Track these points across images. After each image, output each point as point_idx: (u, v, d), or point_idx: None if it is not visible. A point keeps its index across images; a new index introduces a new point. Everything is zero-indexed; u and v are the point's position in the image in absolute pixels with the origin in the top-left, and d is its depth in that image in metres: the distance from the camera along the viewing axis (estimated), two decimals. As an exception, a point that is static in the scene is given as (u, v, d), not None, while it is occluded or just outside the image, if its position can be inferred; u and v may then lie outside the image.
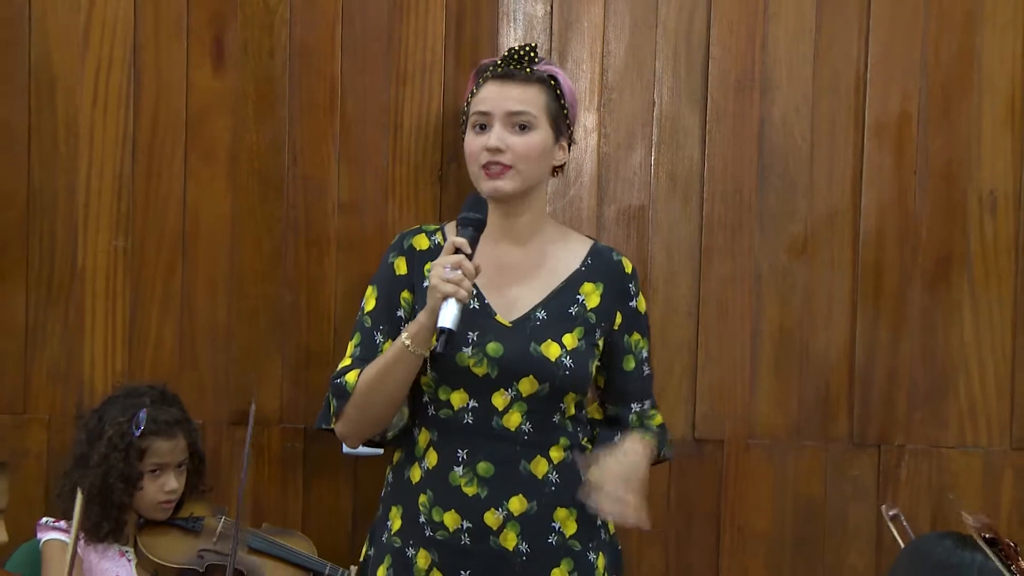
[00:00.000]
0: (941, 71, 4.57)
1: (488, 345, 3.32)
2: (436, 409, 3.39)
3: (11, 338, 4.52)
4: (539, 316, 3.40)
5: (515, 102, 3.40)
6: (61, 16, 4.49)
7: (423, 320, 3.19)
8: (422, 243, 3.54)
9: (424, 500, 3.38)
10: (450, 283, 3.10)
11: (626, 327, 3.56)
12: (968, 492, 4.54)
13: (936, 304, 4.60)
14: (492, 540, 3.33)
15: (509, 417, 3.33)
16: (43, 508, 4.36)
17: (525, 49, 3.45)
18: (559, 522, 3.39)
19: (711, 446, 4.62)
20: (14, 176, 4.50)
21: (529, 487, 3.34)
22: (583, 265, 3.53)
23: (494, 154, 3.36)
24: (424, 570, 3.38)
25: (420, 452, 3.42)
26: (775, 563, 4.61)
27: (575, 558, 3.42)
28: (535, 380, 3.32)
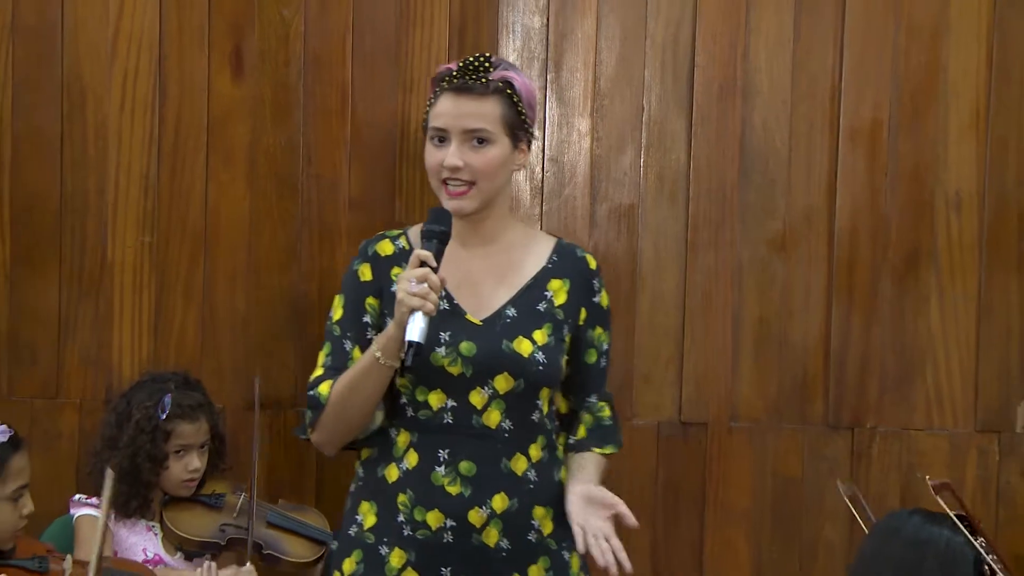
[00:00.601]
0: (910, 80, 4.60)
1: (461, 344, 3.25)
2: (415, 410, 3.30)
3: (45, 327, 4.53)
4: (509, 314, 3.33)
5: (471, 119, 3.29)
6: (91, 29, 4.49)
7: (392, 332, 3.13)
8: (386, 248, 3.45)
9: (404, 500, 3.29)
10: (416, 296, 3.03)
11: (590, 322, 3.49)
12: (935, 471, 4.40)
13: (905, 296, 4.62)
14: (475, 537, 3.26)
15: (489, 415, 3.26)
16: (75, 486, 4.37)
17: (479, 60, 3.33)
18: (538, 520, 3.32)
19: (695, 428, 4.63)
20: (48, 178, 4.51)
21: (510, 485, 3.27)
22: (549, 262, 3.45)
23: (453, 172, 3.27)
24: (397, 568, 3.30)
25: (399, 453, 3.33)
26: (755, 538, 4.63)
27: (551, 556, 3.37)
28: (510, 377, 3.25)
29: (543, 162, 4.64)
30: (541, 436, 3.35)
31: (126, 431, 4.02)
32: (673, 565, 4.66)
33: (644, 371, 4.63)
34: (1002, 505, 4.62)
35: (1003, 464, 4.64)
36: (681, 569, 4.67)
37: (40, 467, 3.91)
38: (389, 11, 4.55)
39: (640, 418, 4.62)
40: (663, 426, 4.63)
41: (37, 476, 3.77)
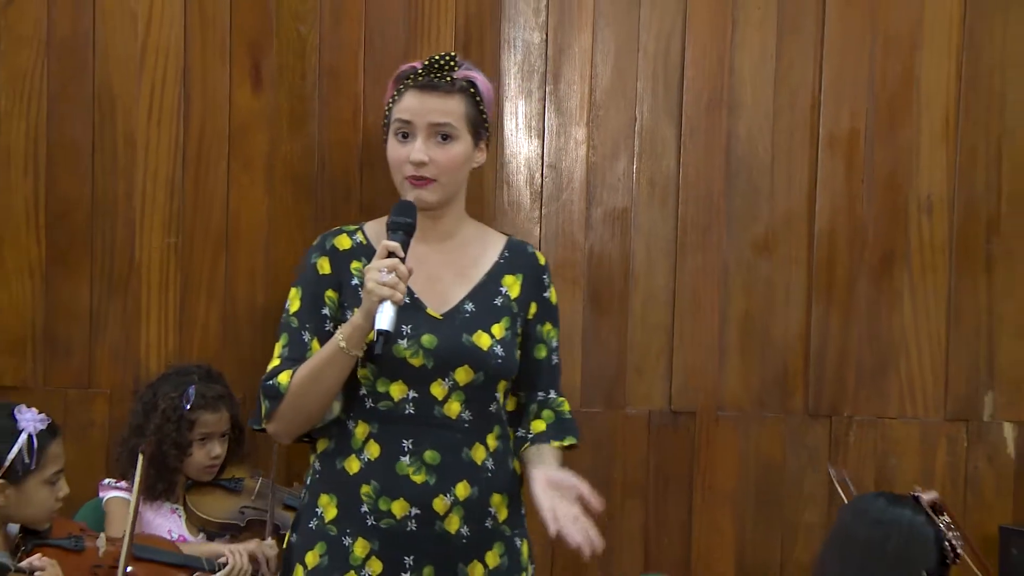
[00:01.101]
0: (885, 92, 4.63)
1: (422, 337, 3.18)
2: (375, 401, 3.23)
3: (78, 323, 4.55)
4: (467, 308, 3.29)
5: (438, 114, 3.24)
6: (120, 43, 4.52)
7: (358, 322, 3.07)
8: (344, 243, 3.38)
9: (368, 490, 3.21)
10: (386, 286, 2.97)
11: (539, 317, 3.44)
12: (907, 458, 4.63)
13: (880, 294, 4.66)
14: (438, 525, 3.20)
15: (449, 406, 3.21)
16: (105, 471, 4.38)
17: (445, 58, 3.27)
18: (495, 507, 3.28)
19: (685, 417, 4.65)
20: (80, 183, 4.54)
21: (472, 473, 3.22)
22: (501, 258, 3.41)
23: (418, 168, 3.22)
24: (361, 558, 3.22)
25: (358, 444, 3.24)
26: (740, 519, 4.67)
27: (505, 542, 3.32)
28: (470, 369, 3.20)
29: (542, 168, 4.66)
30: (497, 426, 3.33)
31: (153, 420, 4.05)
32: (663, 545, 4.67)
33: (636, 364, 4.64)
34: (970, 490, 4.65)
35: (971, 451, 4.67)
36: (670, 549, 4.67)
37: (73, 453, 3.93)
38: (398, 28, 4.55)
39: (633, 407, 4.64)
40: (654, 415, 4.66)
41: (70, 462, 3.81)
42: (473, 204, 4.19)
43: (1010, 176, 4.66)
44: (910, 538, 3.30)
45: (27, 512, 3.62)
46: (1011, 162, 4.65)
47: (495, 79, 4.45)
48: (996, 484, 4.68)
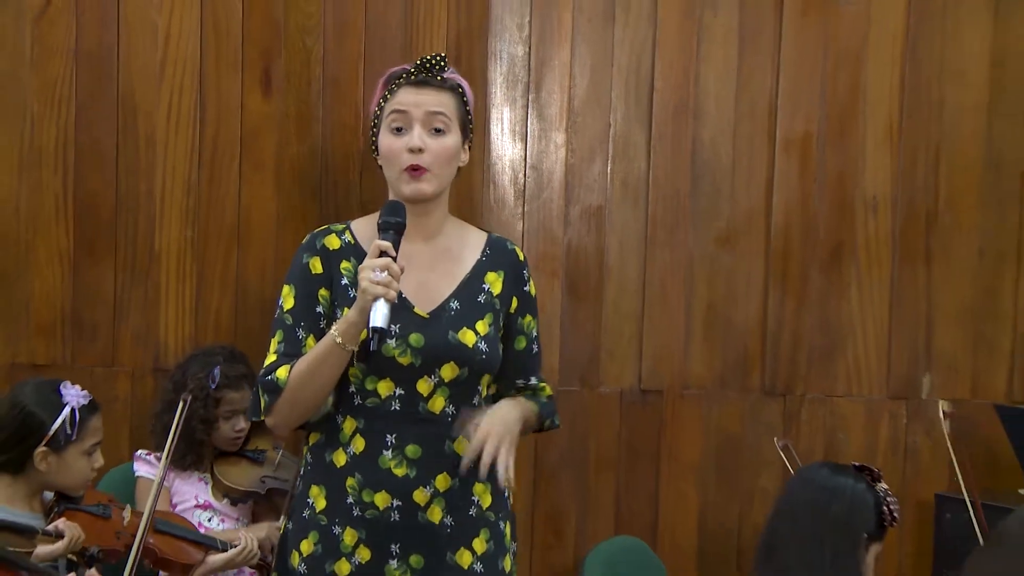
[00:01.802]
0: (835, 101, 4.65)
1: (410, 336, 3.10)
2: (363, 398, 3.15)
3: (103, 308, 4.60)
4: (453, 306, 3.20)
5: (434, 104, 3.15)
6: (142, 54, 4.55)
7: (353, 318, 2.98)
8: (334, 243, 3.28)
9: (353, 483, 3.14)
10: (379, 285, 2.89)
11: (520, 310, 3.37)
12: (853, 432, 4.67)
13: (830, 284, 4.68)
14: (420, 515, 3.12)
15: (434, 402, 3.13)
16: (128, 440, 4.49)
17: (436, 58, 3.19)
18: (477, 496, 3.20)
19: (653, 395, 4.68)
20: (105, 181, 4.58)
21: (453, 465, 3.11)
22: (483, 255, 3.32)
23: (416, 155, 3.12)
24: (351, 546, 3.14)
25: (345, 438, 3.17)
26: (702, 487, 4.70)
27: (490, 528, 3.24)
28: (455, 366, 3.13)
29: (525, 169, 4.67)
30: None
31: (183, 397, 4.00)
32: (633, 511, 4.70)
33: (609, 347, 4.67)
34: (909, 461, 4.68)
35: (910, 426, 4.69)
36: (640, 514, 4.70)
37: (98, 426, 3.91)
38: (395, 41, 4.56)
39: (606, 386, 4.66)
40: (625, 393, 4.69)
41: (95, 434, 3.85)
42: (463, 202, 4.28)
43: (947, 178, 4.67)
44: (852, 503, 3.32)
45: (65, 479, 3.63)
46: (948, 165, 4.67)
47: (482, 88, 4.50)
48: (932, 456, 4.66)
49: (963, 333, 4.74)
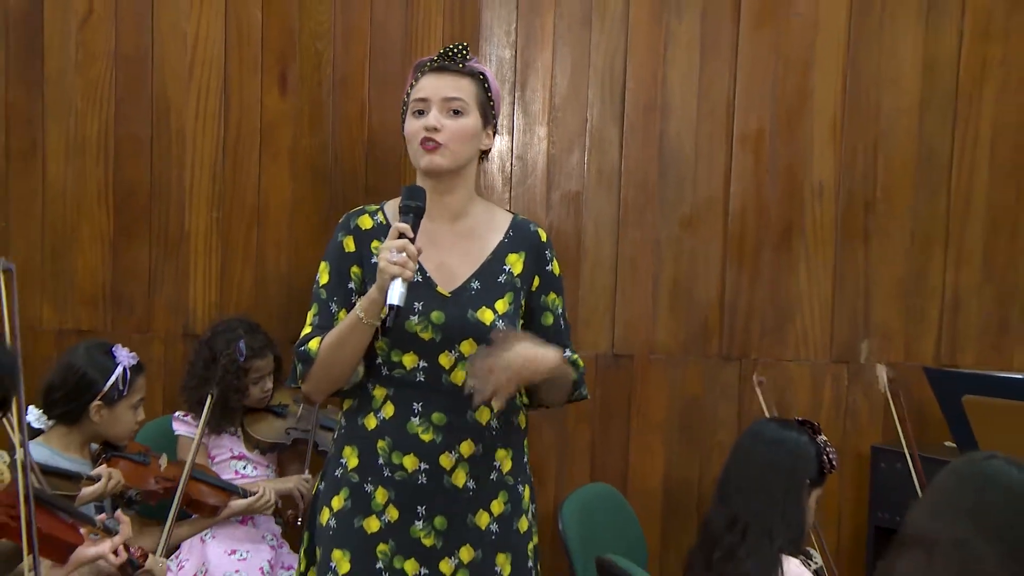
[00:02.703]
0: (785, 100, 4.66)
1: (432, 313, 2.99)
2: (390, 369, 3.04)
3: (139, 281, 4.67)
4: (473, 286, 3.08)
5: (451, 89, 3.04)
6: (173, 58, 4.61)
7: (374, 296, 2.87)
8: (366, 223, 3.15)
9: (383, 445, 3.03)
10: (396, 265, 2.78)
11: (543, 288, 3.23)
12: (800, 392, 4.69)
13: (780, 262, 4.69)
14: (445, 479, 3.01)
15: (456, 374, 3.01)
16: (161, 398, 4.56)
17: (458, 47, 3.09)
18: (499, 461, 3.10)
19: (625, 359, 4.72)
20: (141, 170, 4.65)
21: (475, 432, 3.03)
22: (506, 237, 3.17)
23: (431, 133, 2.99)
24: (382, 505, 3.03)
25: (376, 405, 3.06)
26: (667, 441, 4.73)
27: (509, 491, 3.12)
28: (474, 342, 3.00)
29: (512, 159, 4.69)
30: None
31: (214, 373, 4.06)
32: (607, 462, 4.74)
33: (586, 317, 4.69)
34: (848, 418, 4.70)
35: (850, 387, 4.71)
36: (612, 465, 4.74)
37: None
38: (396, 46, 4.59)
39: (583, 351, 4.08)
40: (600, 358, 4.70)
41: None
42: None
43: (884, 169, 4.67)
44: (796, 453, 3.36)
45: (114, 430, 3.73)
46: (884, 157, 4.67)
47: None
48: (869, 413, 4.69)
49: (897, 305, 4.73)
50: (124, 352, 3.77)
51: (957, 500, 2.35)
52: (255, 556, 4.14)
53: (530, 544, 3.22)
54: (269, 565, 4.14)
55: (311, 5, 4.66)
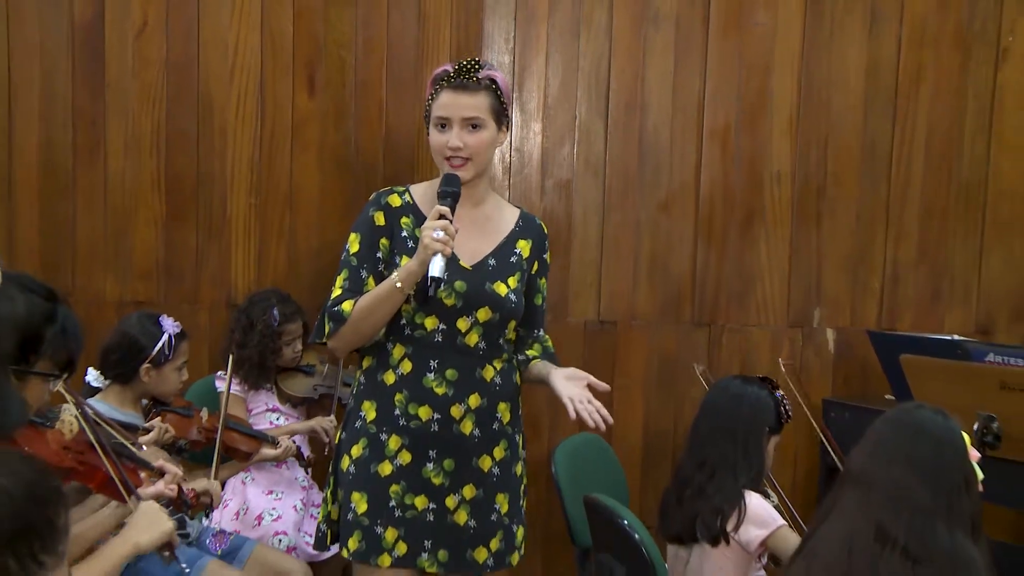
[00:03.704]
0: (748, 100, 4.68)
1: (455, 283, 2.99)
2: (412, 330, 3.04)
3: (187, 258, 4.64)
4: (491, 263, 3.10)
5: (468, 109, 3.01)
6: (216, 64, 4.58)
7: (413, 268, 2.88)
8: (395, 201, 3.13)
9: (400, 398, 3.04)
10: (439, 242, 2.80)
11: (539, 272, 3.27)
12: (761, 353, 4.72)
13: (744, 240, 4.72)
14: (454, 427, 3.04)
15: (469, 337, 3.04)
16: (207, 360, 4.54)
17: (471, 63, 3.06)
18: (500, 413, 3.11)
19: (609, 325, 4.72)
20: (189, 161, 4.61)
21: (482, 387, 3.06)
22: (517, 226, 3.21)
23: (456, 152, 3.01)
24: (395, 450, 3.04)
25: (394, 362, 3.06)
26: (646, 396, 4.75)
27: (508, 439, 3.15)
28: (490, 310, 3.03)
29: (511, 152, 4.66)
30: (505, 353, 3.15)
31: (252, 338, 4.16)
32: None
33: (575, 289, 4.70)
34: (803, 375, 4.69)
35: (804, 348, 4.75)
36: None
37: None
38: (409, 53, 4.56)
39: (573, 318, 4.67)
40: (588, 323, 4.71)
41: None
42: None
43: (833, 159, 4.70)
44: (756, 405, 3.44)
45: (161, 388, 3.78)
46: (834, 149, 4.70)
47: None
48: (820, 370, 4.74)
49: (844, 277, 4.76)
50: (170, 322, 3.81)
51: (892, 444, 2.39)
52: (289, 496, 4.17)
53: (522, 486, 3.26)
54: (301, 503, 4.16)
55: (335, 18, 4.62)
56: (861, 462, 2.42)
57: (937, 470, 2.34)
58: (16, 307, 2.40)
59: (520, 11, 4.67)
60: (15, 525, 1.37)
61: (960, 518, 2.31)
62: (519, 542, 3.25)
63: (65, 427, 2.59)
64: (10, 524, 1.37)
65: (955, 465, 2.36)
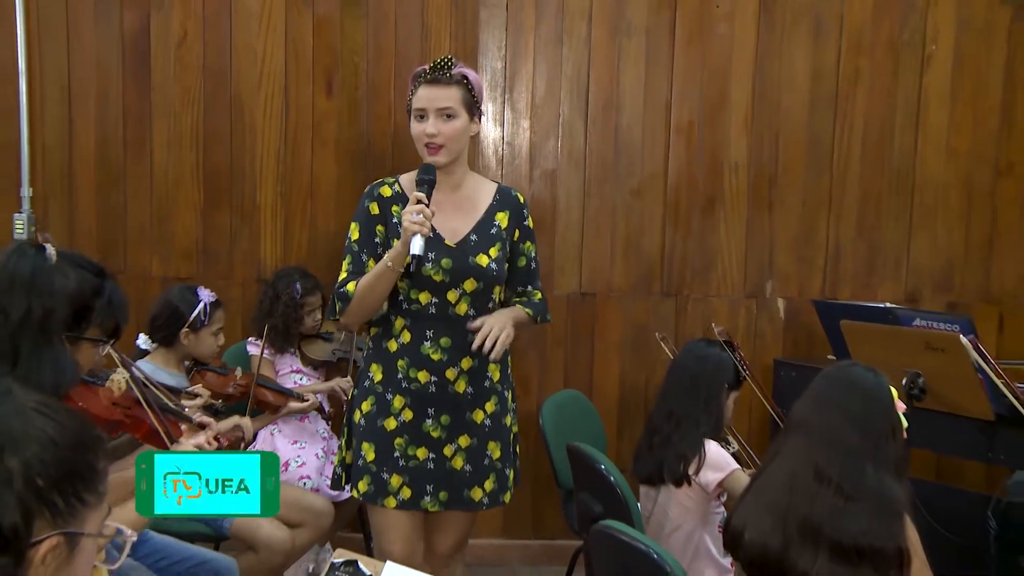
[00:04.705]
0: (710, 100, 4.67)
1: (442, 260, 2.98)
2: (409, 304, 3.03)
3: (222, 240, 4.66)
4: (472, 238, 3.06)
5: (442, 100, 2.99)
6: (246, 70, 4.58)
7: (399, 249, 2.88)
8: (387, 192, 3.13)
9: (402, 364, 3.04)
10: (416, 224, 2.81)
11: (521, 238, 3.21)
12: (721, 320, 4.61)
13: (706, 222, 4.72)
14: (450, 387, 3.03)
15: (459, 307, 3.02)
16: (239, 328, 4.54)
17: (444, 60, 3.02)
18: (490, 372, 3.10)
19: (589, 296, 4.72)
20: (223, 156, 4.62)
21: (473, 352, 3.02)
22: (494, 200, 3.16)
23: (432, 139, 2.99)
24: (399, 408, 3.04)
25: (396, 331, 3.06)
26: (622, 358, 4.75)
27: (498, 395, 3.13)
28: (475, 280, 3.01)
29: (503, 145, 4.66)
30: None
31: (277, 309, 4.16)
32: (576, 374, 4.74)
33: (560, 265, 4.70)
34: (757, 339, 4.75)
35: (758, 316, 4.77)
36: (580, 376, 4.75)
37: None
38: (414, 60, 4.49)
39: (558, 290, 4.66)
40: (570, 295, 4.71)
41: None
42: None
43: (783, 153, 4.71)
44: (718, 364, 3.45)
45: (200, 350, 3.80)
46: (784, 143, 4.70)
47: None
48: (772, 335, 4.77)
49: (792, 254, 4.78)
50: (205, 292, 3.82)
51: (829, 397, 2.40)
52: (311, 446, 4.17)
53: (512, 434, 3.25)
54: (322, 451, 4.17)
55: (350, 30, 4.62)
56: (803, 412, 2.42)
57: (867, 419, 2.34)
58: (69, 282, 2.44)
59: (511, 24, 4.67)
60: (61, 469, 1.40)
61: (886, 461, 2.32)
62: (511, 483, 3.25)
63: (114, 385, 2.61)
64: (56, 468, 1.39)
65: (882, 415, 2.37)
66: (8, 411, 1.38)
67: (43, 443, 1.37)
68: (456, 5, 4.64)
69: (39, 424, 1.38)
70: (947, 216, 4.80)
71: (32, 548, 1.34)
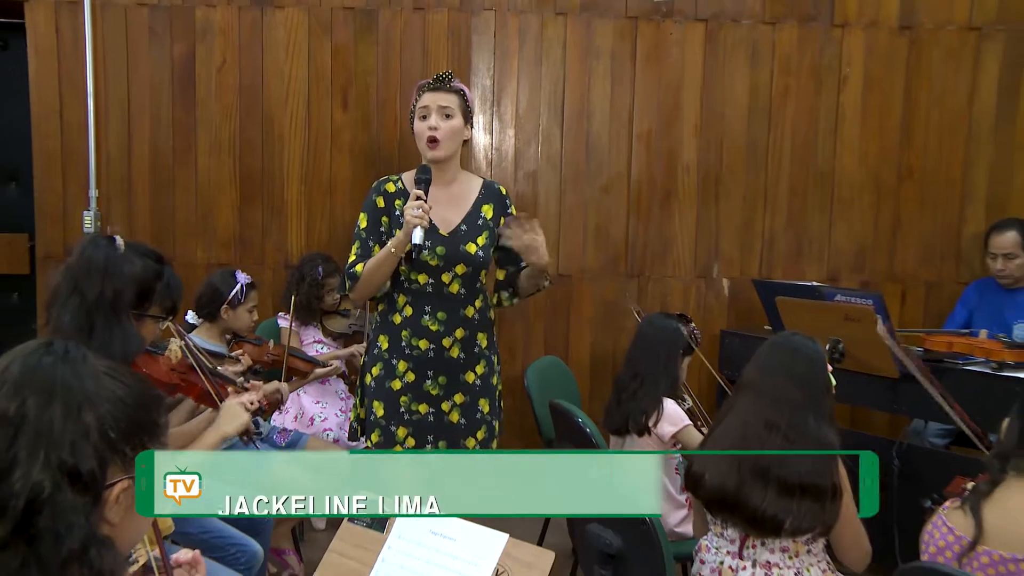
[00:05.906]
0: (666, 110, 4.66)
1: (437, 248, 2.96)
2: (409, 284, 3.01)
3: (256, 232, 4.65)
4: (462, 228, 3.03)
5: (443, 101, 2.98)
6: (275, 88, 4.56)
7: (401, 238, 2.85)
8: (391, 188, 3.08)
9: (406, 334, 3.02)
10: (416, 217, 2.79)
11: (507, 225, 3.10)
12: (676, 297, 4.71)
13: (664, 214, 4.70)
14: (445, 354, 3.01)
15: (452, 287, 2.99)
16: (270, 306, 4.52)
17: (446, 73, 3.02)
18: (479, 340, 3.07)
19: (565, 277, 4.69)
20: (256, 160, 4.61)
21: (465, 322, 3.02)
22: (480, 194, 3.11)
23: (433, 131, 2.96)
24: (402, 372, 3.02)
25: (399, 307, 3.03)
26: (593, 330, 4.73)
27: (486, 359, 3.10)
28: (465, 265, 2.98)
29: (492, 151, 4.65)
30: (481, 295, 3.08)
31: (302, 288, 4.17)
32: (555, 342, 4.72)
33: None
34: (706, 312, 4.74)
35: (707, 294, 4.76)
36: (558, 344, 4.72)
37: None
38: (417, 79, 4.06)
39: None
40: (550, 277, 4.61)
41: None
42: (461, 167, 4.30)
43: (728, 155, 4.69)
44: (674, 334, 3.44)
45: (237, 324, 3.74)
46: (727, 148, 4.68)
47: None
48: (718, 310, 4.77)
49: (736, 241, 4.77)
50: (242, 275, 3.78)
51: (776, 361, 2.42)
52: (332, 405, 4.18)
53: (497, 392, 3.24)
54: (340, 411, 4.17)
55: (363, 54, 4.60)
56: (753, 374, 2.44)
57: (808, 378, 2.37)
58: (135, 268, 2.48)
59: (498, 48, 4.65)
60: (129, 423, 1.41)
61: (823, 413, 2.35)
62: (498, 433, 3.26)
63: (172, 354, 2.62)
64: (125, 423, 1.40)
65: (820, 375, 2.41)
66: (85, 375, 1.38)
67: (114, 401, 1.38)
68: (452, 33, 4.62)
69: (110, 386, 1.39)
70: (860, 209, 4.81)
71: (107, 490, 1.36)
